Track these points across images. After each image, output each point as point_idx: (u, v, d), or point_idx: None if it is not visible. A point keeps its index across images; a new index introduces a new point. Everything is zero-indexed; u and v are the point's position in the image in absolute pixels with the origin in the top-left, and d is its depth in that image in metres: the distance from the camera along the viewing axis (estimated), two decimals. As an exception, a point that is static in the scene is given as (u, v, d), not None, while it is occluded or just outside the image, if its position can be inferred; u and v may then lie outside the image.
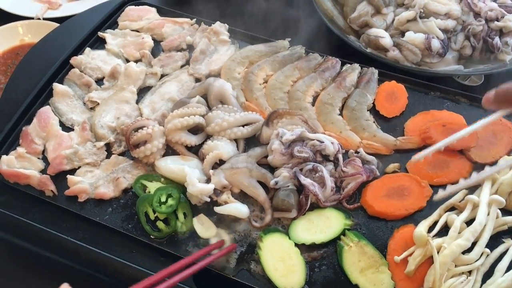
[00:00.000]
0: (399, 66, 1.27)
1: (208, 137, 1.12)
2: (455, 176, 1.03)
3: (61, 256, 1.00)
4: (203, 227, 1.01)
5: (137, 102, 1.21)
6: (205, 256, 0.92)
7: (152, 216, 1.02)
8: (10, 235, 1.04)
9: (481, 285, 0.90)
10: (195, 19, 1.39)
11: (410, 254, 0.93)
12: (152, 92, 1.22)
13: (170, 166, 1.07)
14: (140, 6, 1.42)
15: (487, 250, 0.92)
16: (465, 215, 0.96)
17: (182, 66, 1.28)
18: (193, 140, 1.10)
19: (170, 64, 1.28)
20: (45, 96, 1.22)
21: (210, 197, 1.03)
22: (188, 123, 1.09)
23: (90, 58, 1.29)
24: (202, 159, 1.08)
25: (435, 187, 1.03)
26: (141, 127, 1.09)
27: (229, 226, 1.01)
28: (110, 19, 1.41)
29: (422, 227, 0.95)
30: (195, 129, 1.13)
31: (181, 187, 1.05)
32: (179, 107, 1.12)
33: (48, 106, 1.19)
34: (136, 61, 1.29)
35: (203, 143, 1.11)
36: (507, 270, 0.91)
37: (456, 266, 0.91)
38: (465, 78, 1.32)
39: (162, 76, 1.27)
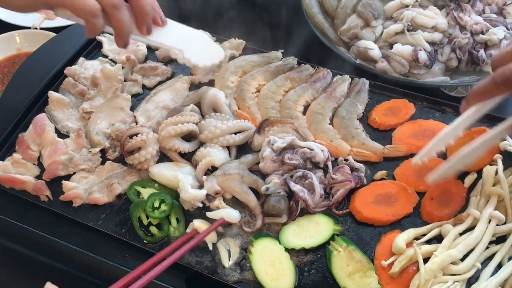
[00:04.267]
0: (387, 77, 1.31)
1: (201, 144, 1.15)
2: (440, 184, 1.06)
3: (55, 260, 1.02)
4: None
5: (132, 109, 1.24)
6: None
7: (145, 221, 1.04)
8: (5, 239, 1.05)
9: (466, 289, 0.92)
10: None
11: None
12: (146, 100, 1.25)
13: (163, 172, 1.09)
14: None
15: (478, 264, 0.94)
16: (462, 228, 0.98)
17: (160, 82, 1.30)
18: (186, 147, 1.13)
19: (150, 77, 1.31)
20: (41, 104, 1.25)
21: (202, 202, 1.05)
22: (181, 130, 1.11)
23: (84, 68, 1.31)
24: (195, 166, 1.11)
25: (421, 194, 1.07)
26: (136, 134, 1.12)
27: (221, 231, 1.03)
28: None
29: (402, 238, 0.97)
30: (188, 137, 1.15)
31: (174, 193, 1.07)
32: (173, 115, 1.15)
33: (44, 114, 1.21)
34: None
35: (196, 150, 1.14)
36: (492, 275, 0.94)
37: (444, 274, 0.93)
38: (452, 89, 1.36)
39: (144, 86, 1.31)
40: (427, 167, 1.06)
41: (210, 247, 1.00)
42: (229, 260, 0.98)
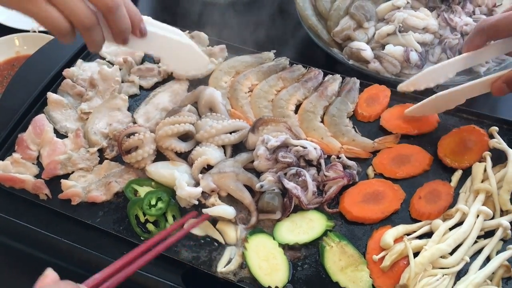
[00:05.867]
0: (379, 77, 1.34)
1: (198, 144, 1.17)
2: (416, 170, 1.12)
3: (54, 257, 1.03)
4: (198, 228, 1.05)
5: (129, 109, 1.26)
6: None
7: (142, 219, 1.06)
8: (5, 237, 1.07)
9: (455, 282, 0.95)
10: (187, 31, 1.45)
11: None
12: (146, 102, 1.27)
13: (160, 170, 1.12)
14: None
15: (467, 258, 0.96)
16: (452, 222, 1.01)
17: (157, 83, 1.33)
18: (182, 146, 1.15)
19: (146, 78, 1.33)
20: (40, 105, 1.27)
21: (198, 200, 1.08)
22: (178, 130, 1.13)
23: (82, 70, 1.34)
24: (191, 164, 1.13)
25: (398, 181, 1.11)
26: (133, 133, 1.14)
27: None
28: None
29: (390, 234, 0.99)
30: (185, 136, 1.18)
31: (171, 191, 1.09)
32: (171, 116, 1.17)
33: (42, 114, 1.23)
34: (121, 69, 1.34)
35: (192, 149, 1.16)
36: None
37: (433, 267, 0.95)
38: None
39: (141, 87, 1.33)
40: (402, 155, 1.13)
41: (222, 241, 1.04)
42: (225, 267, 1.00)
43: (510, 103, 1.41)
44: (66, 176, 1.14)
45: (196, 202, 1.07)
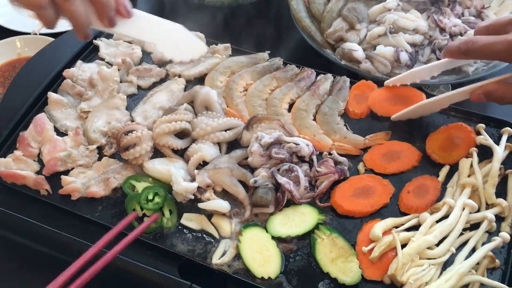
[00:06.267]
0: (370, 77, 1.37)
1: (194, 141, 1.20)
2: (406, 166, 1.16)
3: (55, 250, 1.06)
4: (194, 222, 1.09)
5: (127, 108, 1.30)
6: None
7: (140, 213, 1.09)
8: (7, 231, 1.11)
9: (441, 273, 0.98)
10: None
11: (377, 245, 1.02)
12: (144, 101, 1.31)
13: (157, 167, 1.15)
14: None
15: (453, 249, 0.99)
16: (439, 215, 1.04)
17: (155, 83, 1.37)
18: (179, 144, 1.18)
19: (144, 78, 1.37)
20: (41, 104, 1.30)
21: (194, 194, 1.11)
22: (174, 128, 1.17)
23: (81, 71, 1.37)
24: (187, 161, 1.16)
25: (388, 176, 1.14)
26: (131, 131, 1.18)
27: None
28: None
29: (379, 227, 1.03)
30: (181, 134, 1.21)
31: (167, 187, 1.13)
32: (168, 114, 1.21)
33: (43, 113, 1.27)
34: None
35: (188, 146, 1.19)
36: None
37: (420, 258, 0.99)
38: (434, 89, 1.42)
39: (139, 87, 1.36)
40: (392, 151, 1.17)
41: (216, 235, 1.07)
42: (219, 259, 1.03)
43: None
44: (66, 172, 1.17)
45: (192, 197, 1.11)
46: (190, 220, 1.09)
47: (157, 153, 1.20)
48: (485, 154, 1.15)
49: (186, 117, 1.20)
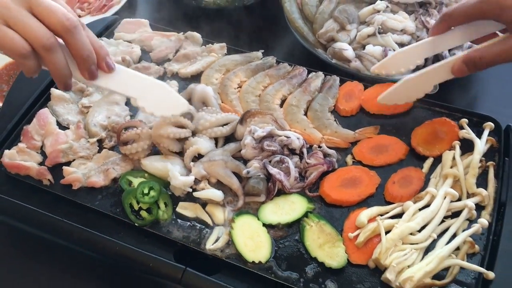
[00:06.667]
0: (360, 75, 1.43)
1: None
2: (393, 159, 1.21)
3: (56, 236, 1.11)
4: (188, 210, 1.14)
5: (126, 104, 1.35)
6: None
7: (136, 207, 1.13)
8: (11, 219, 1.16)
9: (423, 257, 1.03)
10: (182, 33, 1.55)
11: (362, 232, 1.07)
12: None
13: (154, 164, 1.20)
14: (135, 20, 1.59)
15: (434, 235, 1.04)
16: (421, 204, 1.09)
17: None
18: (178, 147, 1.23)
19: None
20: (44, 100, 1.36)
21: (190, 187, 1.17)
22: (179, 136, 1.20)
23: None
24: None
25: (375, 168, 1.20)
26: (132, 127, 1.22)
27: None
28: (107, 30, 1.57)
29: (365, 214, 1.08)
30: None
31: (162, 181, 1.17)
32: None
33: (46, 108, 1.33)
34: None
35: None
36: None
37: (403, 243, 1.04)
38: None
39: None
40: (380, 145, 1.23)
41: (210, 222, 1.12)
42: (213, 244, 1.08)
43: (484, 100, 1.52)
44: (68, 164, 1.22)
45: (190, 190, 1.15)
46: (185, 209, 1.14)
47: (154, 149, 1.25)
48: (468, 147, 1.21)
49: (190, 125, 1.23)
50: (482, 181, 1.16)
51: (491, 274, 0.98)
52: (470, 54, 1.10)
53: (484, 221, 1.04)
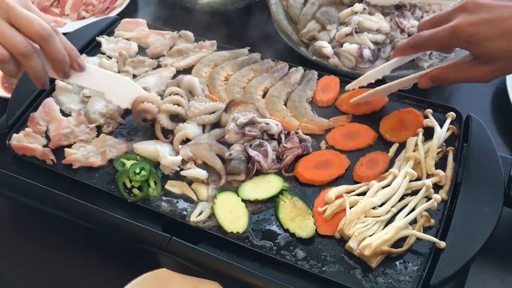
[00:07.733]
0: (338, 70, 1.56)
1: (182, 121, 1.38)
2: (362, 144, 1.33)
3: (58, 209, 1.23)
4: (176, 187, 1.27)
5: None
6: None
7: (129, 185, 1.25)
8: (18, 194, 1.28)
9: (383, 228, 1.15)
10: (176, 31, 1.68)
11: (331, 207, 1.19)
12: (135, 80, 1.49)
13: (145, 146, 1.33)
14: (134, 19, 1.73)
15: (394, 209, 1.16)
16: (384, 183, 1.21)
17: (147, 71, 1.56)
18: (170, 125, 1.36)
19: (139, 68, 1.56)
20: (49, 91, 1.48)
21: (178, 167, 1.29)
22: (175, 110, 1.35)
23: (85, 63, 1.56)
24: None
25: (346, 152, 1.32)
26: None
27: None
28: (107, 29, 1.70)
29: (333, 191, 1.20)
30: (172, 116, 1.38)
31: (153, 163, 1.29)
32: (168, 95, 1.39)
33: (51, 98, 1.46)
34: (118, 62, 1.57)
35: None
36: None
37: (366, 216, 1.16)
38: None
39: (134, 75, 1.55)
40: (351, 132, 1.35)
41: (195, 198, 1.24)
42: (196, 217, 1.19)
43: (459, 96, 1.65)
44: (69, 146, 1.34)
45: (178, 169, 1.28)
46: (173, 186, 1.27)
47: (145, 135, 1.38)
48: (431, 135, 1.32)
49: (184, 103, 1.37)
50: (443, 164, 1.27)
51: (442, 243, 1.09)
52: (436, 73, 1.23)
53: (437, 196, 1.16)
